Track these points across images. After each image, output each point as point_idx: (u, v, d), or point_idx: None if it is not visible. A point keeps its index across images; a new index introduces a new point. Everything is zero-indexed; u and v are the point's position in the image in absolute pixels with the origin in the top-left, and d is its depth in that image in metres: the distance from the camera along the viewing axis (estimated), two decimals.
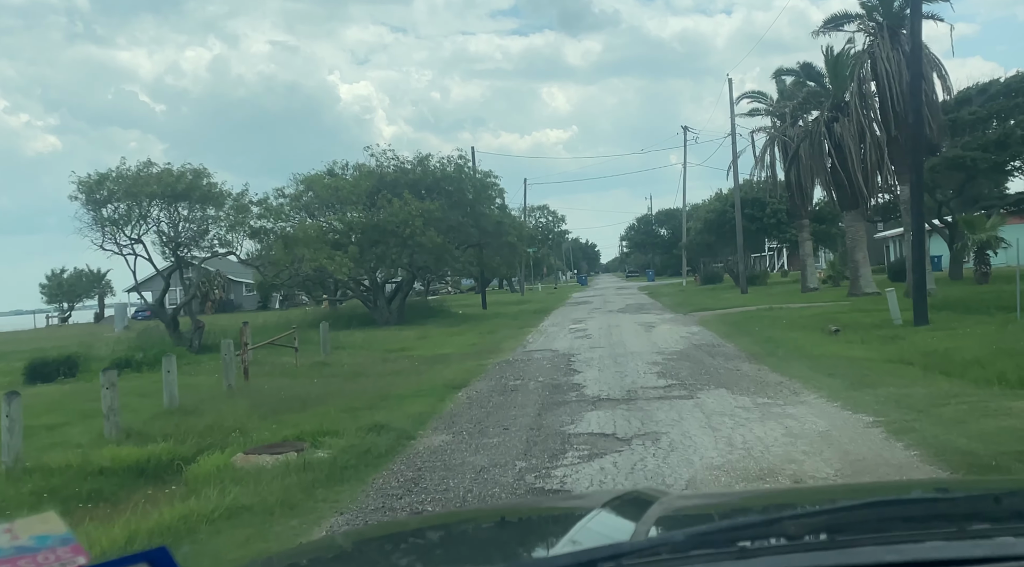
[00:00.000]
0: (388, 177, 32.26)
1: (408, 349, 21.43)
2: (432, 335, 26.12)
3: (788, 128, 33.33)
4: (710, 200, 48.53)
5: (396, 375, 15.35)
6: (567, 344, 18.88)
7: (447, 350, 20.30)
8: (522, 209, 68.28)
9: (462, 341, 22.98)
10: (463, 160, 32.94)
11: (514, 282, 77.11)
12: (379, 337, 26.09)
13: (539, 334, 22.90)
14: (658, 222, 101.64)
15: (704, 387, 10.86)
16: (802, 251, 34.05)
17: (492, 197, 35.18)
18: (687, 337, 18.50)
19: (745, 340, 16.67)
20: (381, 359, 18.75)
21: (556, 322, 27.58)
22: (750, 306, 27.11)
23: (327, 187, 31.50)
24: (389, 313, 32.45)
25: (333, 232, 30.75)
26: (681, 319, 24.41)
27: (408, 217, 29.70)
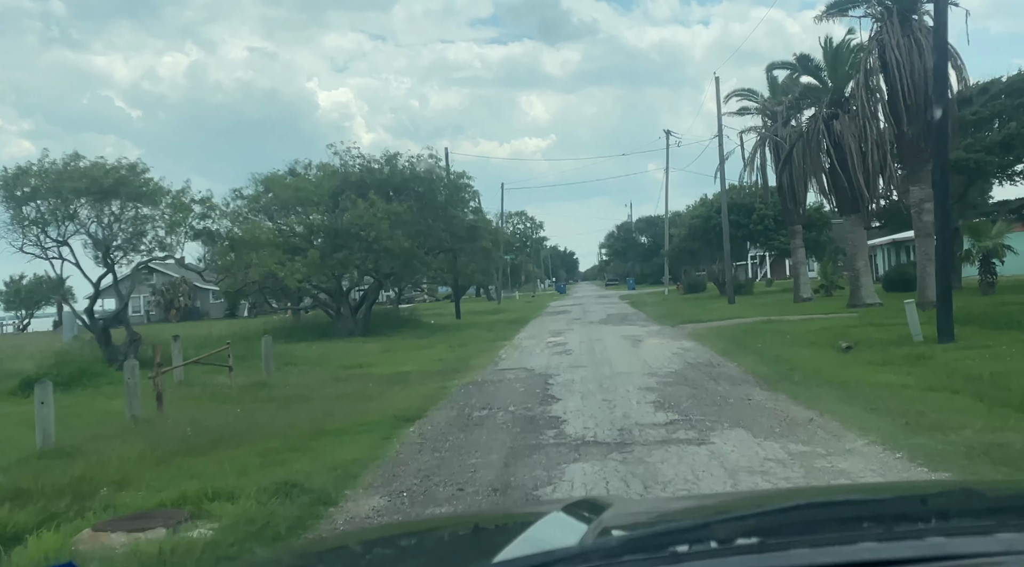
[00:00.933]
0: (353, 177, 29.91)
1: (367, 365, 19.10)
2: (397, 348, 23.80)
3: (780, 128, 31.34)
4: (695, 205, 46.54)
5: (343, 400, 13.03)
6: (544, 361, 16.62)
7: (409, 367, 17.98)
8: (499, 215, 66.19)
9: (428, 356, 20.68)
10: (434, 159, 30.74)
11: (491, 290, 74.85)
12: (338, 351, 23.73)
13: (514, 349, 20.64)
14: (638, 230, 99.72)
15: (716, 426, 8.62)
16: (794, 259, 32.01)
17: (466, 200, 32.90)
18: (680, 354, 16.30)
19: (749, 359, 14.48)
20: (332, 378, 16.39)
21: (533, 334, 25.33)
22: (743, 318, 24.98)
23: (287, 188, 29.12)
24: (354, 323, 30.06)
25: (293, 236, 28.34)
26: (670, 332, 22.22)
27: (373, 220, 27.37)
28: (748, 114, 32.99)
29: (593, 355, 17.20)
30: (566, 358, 16.98)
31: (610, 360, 15.92)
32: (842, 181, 24.79)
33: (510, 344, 22.13)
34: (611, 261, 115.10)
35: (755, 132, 32.28)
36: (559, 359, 16.89)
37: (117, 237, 21.25)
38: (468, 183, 32.20)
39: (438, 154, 30.86)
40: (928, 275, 20.81)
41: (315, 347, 25.23)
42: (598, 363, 15.51)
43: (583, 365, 15.37)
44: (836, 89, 25.37)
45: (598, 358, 16.49)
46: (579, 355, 17.44)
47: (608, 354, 17.15)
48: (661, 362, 14.99)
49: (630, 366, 14.61)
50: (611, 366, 14.83)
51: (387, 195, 29.71)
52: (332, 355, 22.45)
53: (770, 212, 42.57)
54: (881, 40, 20.44)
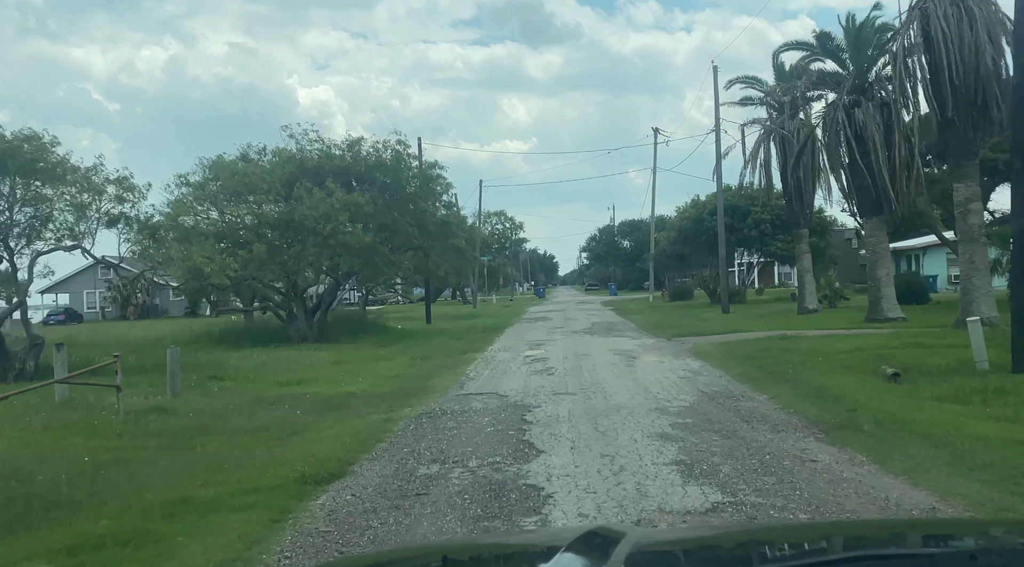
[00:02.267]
0: (310, 163, 26.59)
1: (307, 382, 15.86)
2: (351, 359, 20.55)
3: (787, 120, 28.38)
4: (685, 207, 43.57)
5: (251, 438, 9.80)
6: (521, 384, 13.43)
7: (356, 386, 14.76)
8: (476, 213, 62.99)
9: (384, 371, 17.46)
10: (402, 145, 27.41)
11: (466, 293, 71.59)
12: (282, 360, 20.45)
13: (485, 364, 17.44)
14: (621, 233, 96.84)
15: (788, 519, 5.47)
16: (800, 265, 29.04)
17: (438, 193, 29.63)
18: (689, 378, 13.17)
19: (783, 390, 11.35)
20: (255, 401, 13.12)
21: (509, 345, 22.13)
22: (748, 331, 21.92)
23: (234, 173, 25.74)
24: (308, 328, 26.74)
25: (240, 227, 24.97)
26: (668, 348, 19.10)
27: (331, 211, 24.07)
28: (751, 105, 30.03)
29: (580, 376, 14.03)
30: (548, 380, 13.79)
31: (602, 385, 12.75)
32: (863, 178, 21.80)
33: (482, 357, 18.94)
34: (592, 266, 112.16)
35: (759, 125, 29.30)
36: (539, 381, 13.70)
37: (20, 223, 17.91)
38: (441, 174, 28.98)
39: (407, 140, 27.67)
40: (975, 287, 17.85)
41: (256, 355, 21.94)
42: (588, 389, 12.33)
43: (569, 391, 12.20)
44: (859, 73, 22.40)
45: (587, 381, 13.31)
46: (563, 376, 14.26)
47: (599, 376, 13.97)
48: (668, 390, 11.84)
49: (630, 395, 11.44)
50: (605, 394, 11.65)
51: (348, 184, 26.43)
52: (272, 366, 19.17)
53: (767, 216, 39.69)
54: (924, 9, 17.46)
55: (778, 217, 40.20)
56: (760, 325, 24.44)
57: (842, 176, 22.85)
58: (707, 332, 22.64)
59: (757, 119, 29.37)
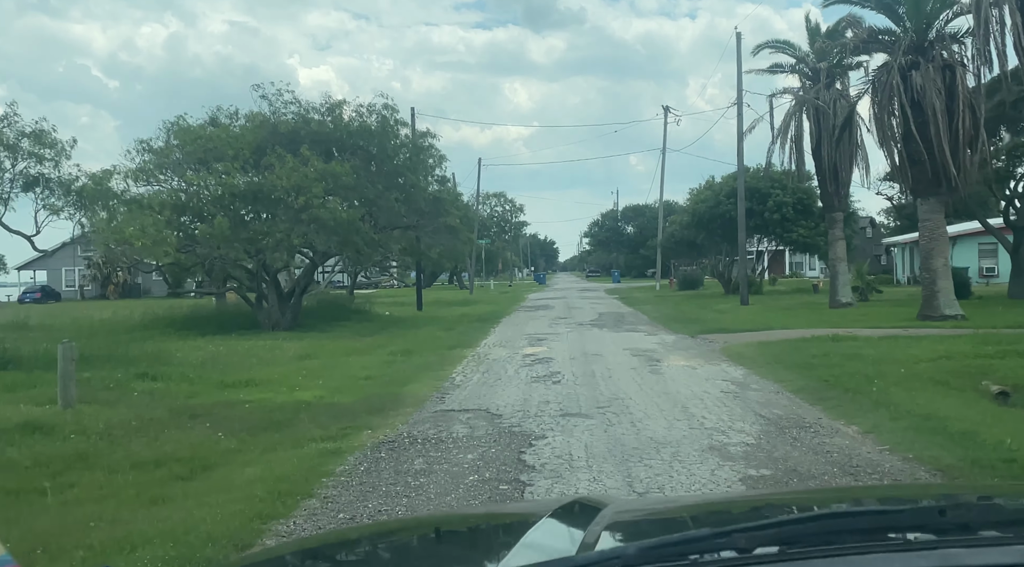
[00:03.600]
0: (284, 127, 23.48)
1: (255, 384, 12.89)
2: (321, 353, 17.58)
3: (821, 90, 25.27)
4: (700, 189, 40.39)
5: (136, 476, 6.91)
6: (519, 397, 10.44)
7: (312, 392, 11.78)
8: (475, 194, 59.93)
9: (354, 369, 14.48)
10: (389, 110, 24.27)
11: (463, 277, 68.58)
12: (238, 353, 17.49)
13: (476, 364, 14.45)
14: (625, 219, 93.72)
15: None
16: (833, 253, 25.93)
17: (430, 165, 26.53)
18: (735, 393, 10.17)
19: (877, 418, 8.32)
20: (176, 412, 10.17)
21: (505, 339, 19.13)
22: (785, 328, 18.92)
23: (199, 138, 22.70)
24: (281, 314, 23.75)
25: (198, 198, 21.89)
26: (693, 347, 16.10)
27: (304, 181, 21.02)
28: (780, 72, 26.85)
29: (595, 387, 11.01)
30: (553, 391, 10.79)
31: (625, 401, 9.74)
32: (920, 153, 18.74)
33: (473, 355, 15.94)
34: (594, 251, 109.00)
35: (790, 95, 26.16)
36: (542, 393, 10.70)
37: None
38: (433, 144, 25.85)
39: (395, 105, 24.56)
40: None
41: (212, 346, 18.95)
42: (608, 408, 9.33)
43: (583, 412, 9.18)
44: (918, 29, 19.30)
45: (605, 395, 10.30)
46: (573, 385, 11.25)
47: (619, 386, 10.96)
48: (715, 412, 8.84)
49: (667, 421, 8.42)
50: (632, 418, 8.64)
51: (328, 153, 23.37)
52: (224, 360, 16.20)
53: (789, 199, 36.59)
54: None
55: (800, 201, 37.16)
56: (793, 320, 21.42)
57: (894, 150, 19.75)
58: (733, 328, 19.60)
59: (788, 89, 26.27)
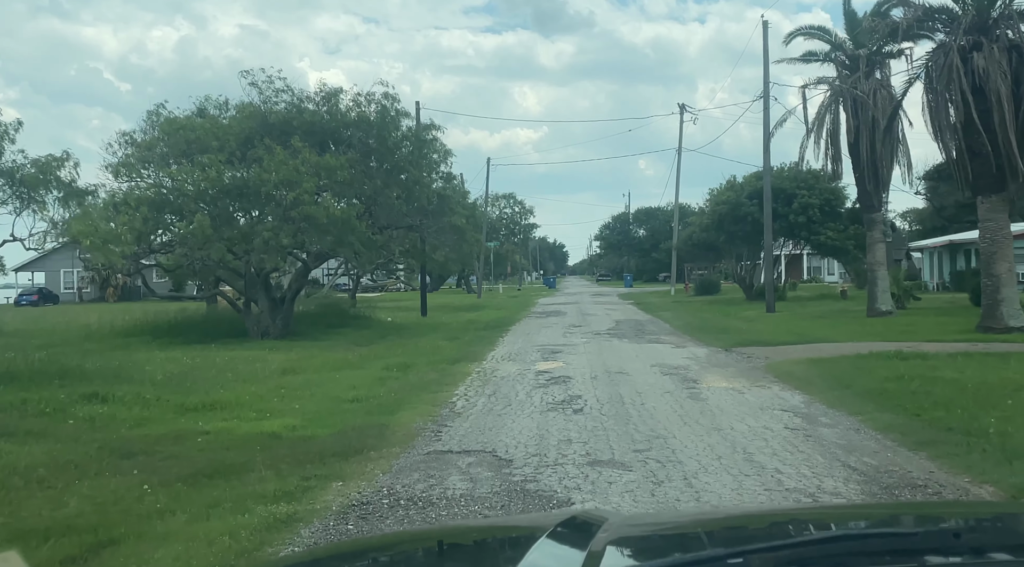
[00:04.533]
0: (275, 117, 21.51)
1: (220, 407, 10.91)
2: (307, 367, 15.60)
3: (860, 79, 23.18)
4: (720, 189, 38.25)
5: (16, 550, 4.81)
6: (533, 433, 8.41)
7: (283, 420, 9.80)
8: (484, 195, 57.95)
9: (340, 388, 12.49)
10: (390, 99, 22.29)
11: (471, 281, 66.57)
12: (214, 366, 15.54)
13: (482, 383, 12.42)
14: (636, 221, 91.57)
15: None
16: (871, 257, 23.81)
17: (434, 161, 24.51)
18: (805, 430, 8.11)
19: (1016, 475, 6.27)
20: (108, 449, 8.22)
21: (516, 351, 17.11)
22: (830, 341, 16.86)
23: (179, 128, 20.79)
24: (271, 321, 21.79)
25: (178, 193, 19.92)
26: (731, 363, 14.03)
27: (294, 175, 19.06)
28: (814, 61, 24.77)
29: (627, 420, 8.96)
30: (575, 426, 8.75)
31: (670, 442, 7.69)
32: (982, 144, 16.68)
33: (478, 371, 13.91)
34: (605, 255, 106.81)
35: (826, 85, 24.06)
36: (562, 427, 8.67)
37: None
38: (437, 137, 23.83)
39: (396, 94, 22.59)
40: None
41: (189, 357, 17.00)
42: (648, 453, 7.28)
43: (619, 460, 7.13)
44: (980, 7, 17.23)
45: (643, 433, 8.25)
46: (599, 416, 9.21)
47: (658, 421, 8.90)
48: (791, 463, 6.78)
49: (733, 479, 6.34)
50: (685, 472, 6.58)
51: (323, 145, 21.40)
52: (195, 376, 14.21)
53: (815, 200, 34.47)
54: None
55: (828, 202, 35.04)
56: (832, 330, 19.35)
57: (951, 142, 17.65)
58: (769, 339, 17.53)
59: (823, 79, 24.14)
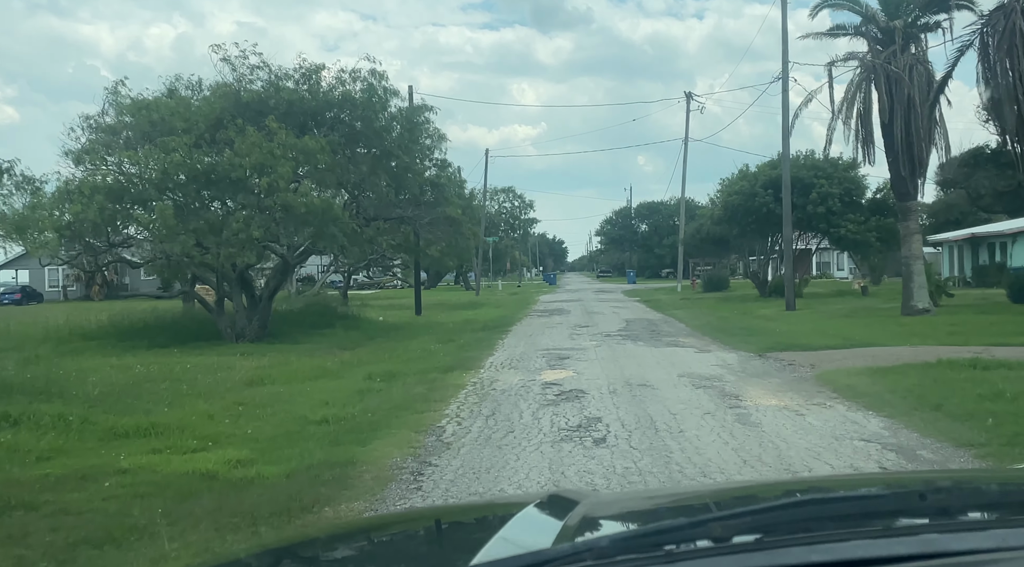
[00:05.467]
0: (249, 96, 19.39)
1: (157, 432, 8.88)
2: (278, 376, 13.53)
3: (895, 54, 21.08)
4: (733, 179, 36.06)
5: None
6: (544, 476, 6.32)
7: (225, 454, 7.75)
8: (482, 189, 55.78)
9: (309, 405, 10.43)
10: (377, 77, 20.16)
11: (470, 278, 64.41)
12: (173, 374, 13.57)
13: (477, 398, 10.34)
14: (639, 216, 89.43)
15: None
16: (907, 250, 21.66)
17: (427, 146, 22.41)
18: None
19: None
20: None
21: (517, 357, 15.01)
22: (878, 344, 14.79)
23: (143, 110, 18.73)
24: (248, 321, 19.73)
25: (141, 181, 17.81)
26: (772, 372, 11.95)
27: (268, 159, 16.96)
28: (843, 35, 22.60)
29: (667, 458, 6.83)
30: (600, 463, 6.65)
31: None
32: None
33: (473, 383, 11.82)
34: (607, 250, 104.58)
35: (856, 60, 21.90)
36: (583, 467, 6.57)
37: None
38: (428, 118, 21.69)
39: (384, 72, 20.45)
40: None
41: (146, 363, 14.97)
42: None
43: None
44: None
45: (689, 475, 6.18)
46: (629, 452, 7.08)
47: (706, 456, 6.79)
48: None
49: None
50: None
51: (303, 127, 19.30)
52: (144, 388, 12.18)
53: (835, 189, 32.39)
54: None
55: (848, 192, 32.97)
56: (873, 332, 17.27)
57: (1012, 115, 15.56)
58: (804, 343, 15.44)
59: (853, 54, 21.97)
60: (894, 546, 1.07)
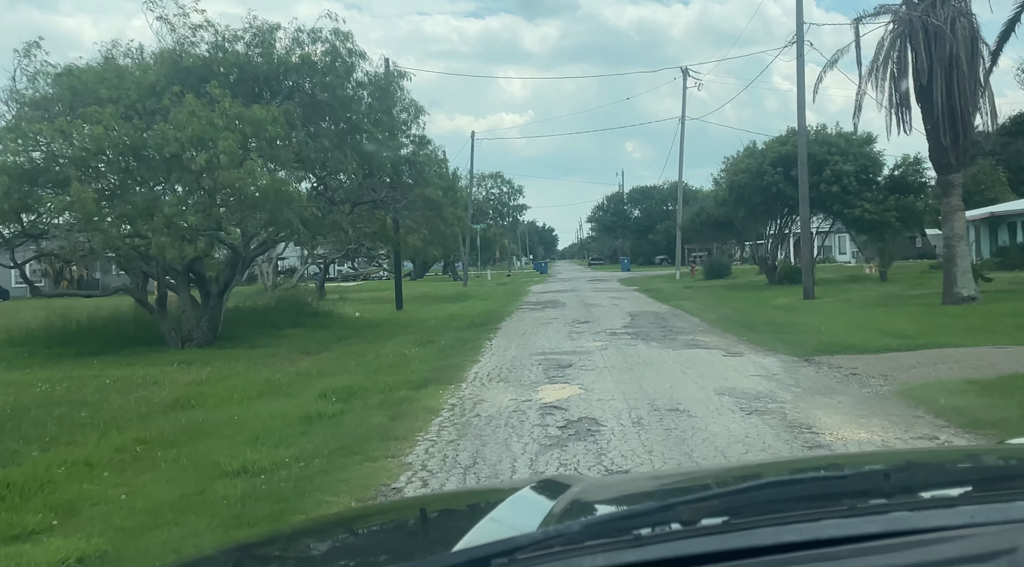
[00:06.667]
0: (191, 61, 16.60)
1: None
2: (208, 396, 10.91)
3: (933, 6, 18.45)
4: (738, 157, 33.34)
5: None
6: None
7: (50, 553, 5.01)
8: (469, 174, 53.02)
9: (237, 439, 7.95)
10: (341, 38, 17.38)
11: (457, 267, 61.63)
12: (79, 394, 11.20)
13: (456, 431, 7.68)
14: (631, 201, 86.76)
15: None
16: (948, 229, 19.03)
17: (401, 120, 19.64)
18: None
19: None
20: None
21: (507, 365, 12.35)
22: (959, 344, 12.20)
23: (61, 76, 15.99)
24: (195, 324, 17.06)
25: (54, 160, 15.02)
26: (835, 386, 9.30)
27: (207, 131, 14.21)
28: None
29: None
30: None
31: None
32: None
33: (452, 405, 9.16)
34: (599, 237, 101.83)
35: (890, 15, 19.22)
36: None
37: None
38: (400, 86, 18.88)
39: (349, 32, 17.66)
40: None
41: (56, 377, 12.43)
42: None
43: None
44: None
45: None
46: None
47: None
48: None
49: None
50: None
51: (256, 97, 16.56)
52: (27, 414, 9.57)
53: (850, 167, 29.78)
54: None
55: (864, 169, 30.37)
56: (923, 327, 14.69)
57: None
58: (858, 344, 12.78)
59: (885, 6, 19.28)
60: (864, 525, 1.08)
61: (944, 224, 19.48)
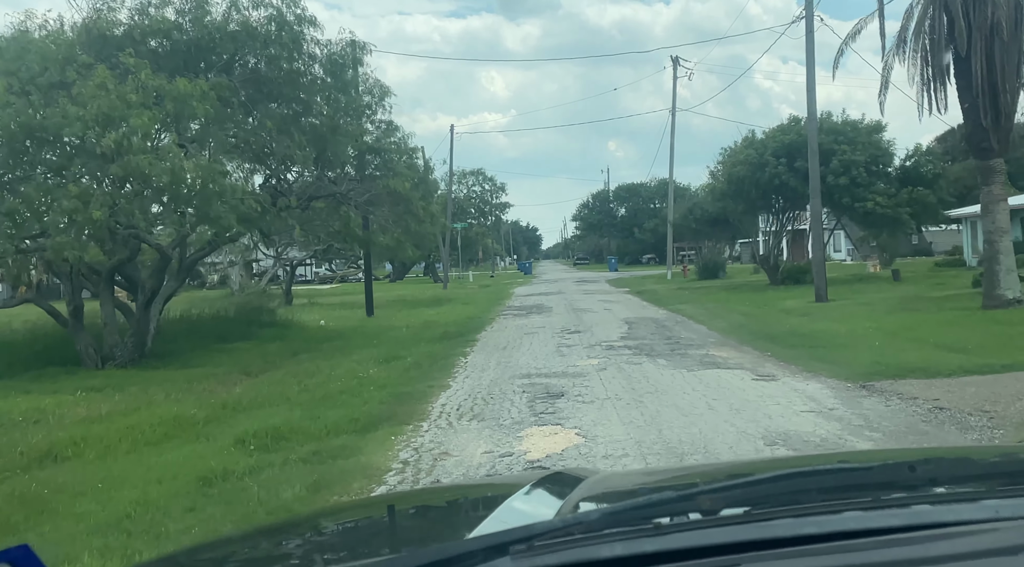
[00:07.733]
0: (110, 28, 14.05)
1: None
2: (101, 437, 8.54)
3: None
4: (736, 148, 31.00)
5: None
6: None
7: None
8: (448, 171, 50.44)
9: (92, 520, 5.43)
10: (289, 5, 14.87)
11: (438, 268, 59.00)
12: None
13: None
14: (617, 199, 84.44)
15: None
16: (989, 223, 16.61)
17: (364, 103, 17.11)
18: None
19: None
20: None
21: (484, 393, 9.85)
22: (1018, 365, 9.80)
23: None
24: (120, 340, 14.53)
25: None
26: (934, 433, 6.89)
27: (117, 108, 11.64)
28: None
29: None
30: None
31: None
32: None
33: (405, 460, 6.67)
34: (584, 235, 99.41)
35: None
36: None
37: None
38: (360, 58, 16.32)
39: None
40: None
41: None
42: None
43: None
44: None
45: None
46: None
47: None
48: None
49: None
50: None
51: (186, 69, 13.98)
52: None
53: (860, 156, 27.48)
54: None
55: (874, 159, 28.10)
56: (979, 338, 12.33)
57: None
58: (919, 364, 10.36)
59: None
60: (885, 518, 1.06)
61: (984, 216, 17.12)
